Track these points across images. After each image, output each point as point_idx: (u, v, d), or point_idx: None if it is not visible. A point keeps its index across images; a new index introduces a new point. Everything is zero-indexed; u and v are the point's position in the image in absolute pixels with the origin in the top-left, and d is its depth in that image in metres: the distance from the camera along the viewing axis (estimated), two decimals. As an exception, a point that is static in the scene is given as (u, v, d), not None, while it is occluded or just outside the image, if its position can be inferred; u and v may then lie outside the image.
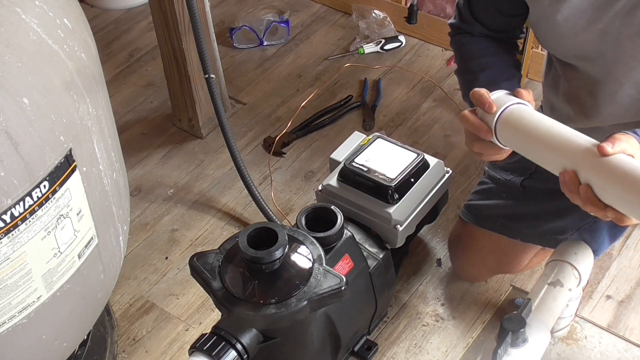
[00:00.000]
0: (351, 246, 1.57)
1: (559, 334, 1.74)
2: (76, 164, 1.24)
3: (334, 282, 1.37)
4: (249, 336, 1.36)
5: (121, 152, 1.51)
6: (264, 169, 2.15)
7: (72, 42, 1.25)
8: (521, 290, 1.84)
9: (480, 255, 1.77)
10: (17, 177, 1.13)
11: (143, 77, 2.45)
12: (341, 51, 2.49)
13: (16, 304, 1.23)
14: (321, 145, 2.21)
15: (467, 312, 1.81)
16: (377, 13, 2.52)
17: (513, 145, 1.27)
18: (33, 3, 1.20)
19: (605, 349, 1.73)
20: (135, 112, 2.34)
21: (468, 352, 1.74)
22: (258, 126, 2.28)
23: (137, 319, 1.84)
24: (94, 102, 1.31)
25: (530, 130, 1.22)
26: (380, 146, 1.70)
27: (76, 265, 1.31)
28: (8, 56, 1.13)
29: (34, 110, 1.14)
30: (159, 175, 2.17)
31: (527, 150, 1.25)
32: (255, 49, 2.52)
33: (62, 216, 1.24)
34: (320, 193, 1.71)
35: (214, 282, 1.38)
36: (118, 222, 1.45)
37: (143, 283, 1.91)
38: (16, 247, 1.18)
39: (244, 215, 2.05)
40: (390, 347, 1.76)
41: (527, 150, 1.25)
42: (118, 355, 1.76)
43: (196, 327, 1.82)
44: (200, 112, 2.21)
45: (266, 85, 2.41)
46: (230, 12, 2.64)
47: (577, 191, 1.12)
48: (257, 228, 1.40)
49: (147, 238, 2.01)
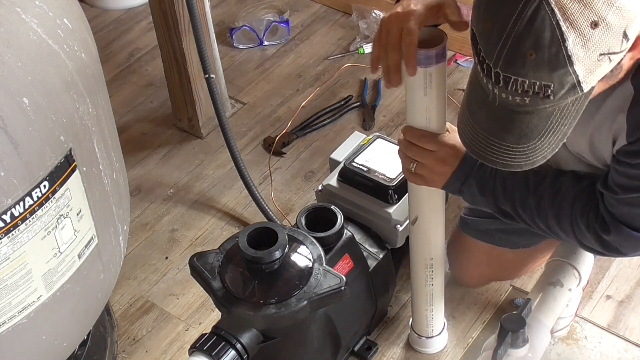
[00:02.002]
0: (351, 246, 1.57)
1: (559, 334, 1.74)
2: (76, 164, 1.24)
3: (334, 282, 1.37)
4: (248, 336, 1.36)
5: (121, 152, 1.51)
6: (264, 169, 2.15)
7: (72, 42, 1.25)
8: (521, 290, 1.83)
9: (480, 267, 1.75)
10: (17, 177, 1.13)
11: (143, 77, 2.45)
12: (341, 51, 2.49)
13: (16, 304, 1.23)
14: (321, 145, 2.21)
15: (467, 312, 1.81)
16: (377, 13, 2.51)
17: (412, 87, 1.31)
18: (33, 3, 1.20)
19: (605, 349, 1.73)
20: (135, 112, 2.34)
21: (468, 352, 1.74)
22: (258, 126, 2.28)
23: (137, 319, 1.84)
24: (94, 102, 1.31)
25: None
26: (380, 146, 1.70)
27: (76, 265, 1.31)
28: (8, 56, 1.13)
29: (34, 110, 1.14)
30: (159, 175, 2.17)
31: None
32: (255, 49, 2.52)
33: (62, 216, 1.24)
34: (320, 193, 1.71)
35: (214, 282, 1.38)
36: (118, 222, 1.45)
37: (143, 283, 1.91)
38: (16, 247, 1.18)
39: (244, 215, 2.05)
40: (390, 347, 1.76)
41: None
42: (118, 355, 1.76)
43: (196, 327, 1.82)
44: (200, 112, 2.21)
45: (266, 85, 2.41)
46: (230, 12, 2.64)
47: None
48: (257, 228, 1.40)
49: (147, 238, 2.01)
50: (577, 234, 1.35)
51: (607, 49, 1.02)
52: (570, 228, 1.35)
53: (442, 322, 1.71)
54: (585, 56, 1.02)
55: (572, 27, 0.99)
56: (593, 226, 1.32)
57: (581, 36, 1.00)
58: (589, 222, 1.32)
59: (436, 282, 1.59)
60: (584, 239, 1.36)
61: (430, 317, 1.66)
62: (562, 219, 1.35)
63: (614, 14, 0.99)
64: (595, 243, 1.35)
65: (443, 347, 1.73)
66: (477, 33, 1.08)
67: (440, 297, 1.64)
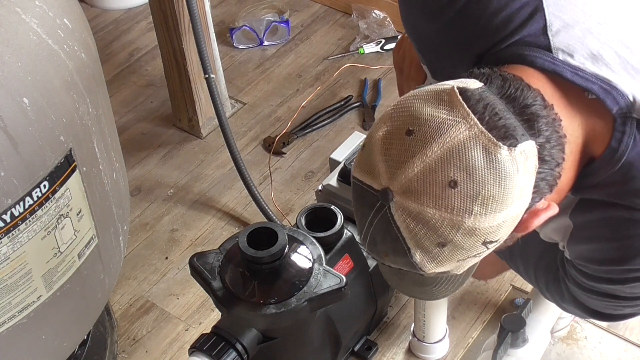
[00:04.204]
0: (351, 246, 1.57)
1: (559, 334, 1.74)
2: (76, 164, 1.24)
3: (334, 282, 1.37)
4: (249, 336, 1.36)
5: (121, 152, 1.51)
6: (264, 169, 2.15)
7: (72, 42, 1.25)
8: (521, 290, 1.83)
9: (489, 262, 1.73)
10: (17, 177, 1.13)
11: (143, 77, 2.45)
12: (341, 51, 2.49)
13: (16, 304, 1.23)
14: (321, 145, 2.21)
15: (467, 312, 1.81)
16: (377, 13, 2.52)
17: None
18: (33, 3, 1.20)
19: (605, 349, 1.73)
20: (135, 112, 2.34)
21: (468, 352, 1.74)
22: (258, 126, 2.28)
23: (137, 319, 1.84)
24: (94, 102, 1.31)
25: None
26: (380, 146, 1.70)
27: (76, 265, 1.31)
28: (8, 56, 1.13)
29: (34, 110, 1.14)
30: (159, 175, 2.17)
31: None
32: (255, 49, 2.52)
33: (62, 216, 1.24)
34: (320, 193, 1.71)
35: (214, 282, 1.38)
36: (118, 222, 1.45)
37: (143, 283, 1.91)
38: (16, 247, 1.18)
39: (244, 215, 2.05)
40: (390, 347, 1.76)
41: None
42: (118, 355, 1.76)
43: (196, 327, 1.82)
44: (200, 112, 2.21)
45: (266, 85, 2.41)
46: (230, 12, 2.64)
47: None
48: (257, 228, 1.40)
49: (147, 238, 2.01)
50: (541, 287, 1.36)
51: (466, 256, 0.97)
52: (535, 280, 1.36)
53: (442, 331, 1.70)
54: (438, 266, 0.97)
55: (417, 246, 0.95)
56: (551, 288, 1.32)
57: (428, 254, 0.96)
58: (548, 283, 1.32)
59: None
60: (544, 294, 1.36)
61: (423, 322, 1.66)
62: (528, 270, 1.35)
63: (462, 235, 0.93)
64: (554, 302, 1.36)
65: (443, 354, 1.73)
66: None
67: (434, 308, 1.63)
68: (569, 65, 1.02)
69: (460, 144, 0.91)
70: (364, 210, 0.99)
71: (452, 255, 0.96)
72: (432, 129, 0.92)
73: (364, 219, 1.00)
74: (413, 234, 0.95)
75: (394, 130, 0.95)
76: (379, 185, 0.96)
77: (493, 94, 0.95)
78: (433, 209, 0.92)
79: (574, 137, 1.01)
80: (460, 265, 0.99)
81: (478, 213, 0.92)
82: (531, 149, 0.94)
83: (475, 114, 0.92)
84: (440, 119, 0.92)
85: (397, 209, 0.94)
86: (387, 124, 0.97)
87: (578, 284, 1.21)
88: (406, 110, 0.96)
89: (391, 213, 0.95)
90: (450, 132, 0.92)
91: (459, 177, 0.91)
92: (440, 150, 0.91)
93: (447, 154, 0.91)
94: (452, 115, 0.92)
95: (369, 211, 0.98)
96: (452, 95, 0.94)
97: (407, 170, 0.93)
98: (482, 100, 0.93)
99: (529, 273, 1.36)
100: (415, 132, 0.93)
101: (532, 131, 0.94)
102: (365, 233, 1.00)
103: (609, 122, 1.03)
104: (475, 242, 0.95)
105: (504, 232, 0.96)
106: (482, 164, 0.91)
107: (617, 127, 1.02)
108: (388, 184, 0.94)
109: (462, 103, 0.93)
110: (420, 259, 0.96)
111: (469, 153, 0.91)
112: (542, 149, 0.95)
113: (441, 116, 0.93)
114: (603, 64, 1.03)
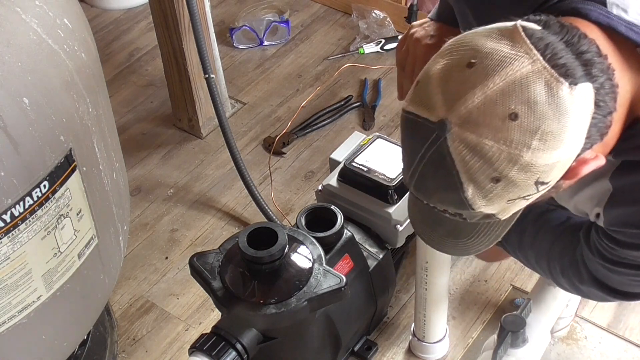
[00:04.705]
0: (351, 246, 1.57)
1: (559, 334, 1.74)
2: (76, 164, 1.24)
3: (334, 282, 1.37)
4: (249, 336, 1.36)
5: (121, 152, 1.51)
6: (264, 169, 2.15)
7: (72, 42, 1.25)
8: (521, 290, 1.84)
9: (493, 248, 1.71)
10: (17, 177, 1.13)
11: (143, 77, 2.45)
12: (341, 51, 2.49)
13: (16, 304, 1.23)
14: (321, 145, 2.21)
15: (467, 312, 1.81)
16: (377, 13, 2.52)
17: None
18: (33, 3, 1.20)
19: (605, 349, 1.73)
20: (135, 112, 2.34)
21: (468, 352, 1.74)
22: (258, 126, 2.28)
23: (137, 319, 1.84)
24: (94, 102, 1.31)
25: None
26: (380, 146, 1.70)
27: (76, 265, 1.31)
28: (8, 56, 1.13)
29: (34, 110, 1.14)
30: (159, 175, 2.17)
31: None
32: (255, 49, 2.52)
33: (62, 216, 1.24)
34: (320, 193, 1.71)
35: (214, 282, 1.38)
36: (118, 222, 1.45)
37: (143, 283, 1.91)
38: (16, 247, 1.18)
39: (244, 215, 2.05)
40: (390, 347, 1.76)
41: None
42: (118, 355, 1.76)
43: (196, 327, 1.82)
44: (200, 112, 2.21)
45: (266, 85, 2.41)
46: (230, 12, 2.64)
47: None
48: (257, 228, 1.40)
49: (147, 238, 2.01)
50: (554, 274, 1.34)
51: (517, 196, 0.96)
52: (547, 268, 1.34)
53: (442, 331, 1.70)
54: (488, 204, 0.97)
55: (471, 181, 0.94)
56: (567, 272, 1.30)
57: (481, 190, 0.95)
58: (564, 267, 1.30)
59: (430, 288, 1.59)
60: (558, 280, 1.35)
61: (423, 321, 1.66)
62: (540, 259, 1.34)
63: (518, 171, 0.93)
64: (569, 287, 1.34)
65: (443, 354, 1.73)
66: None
67: (435, 306, 1.63)
68: (623, 19, 1.03)
69: (523, 77, 0.92)
70: (416, 144, 0.98)
71: (505, 192, 0.96)
72: (495, 62, 0.93)
73: (415, 154, 0.98)
74: (468, 167, 0.94)
75: (453, 63, 0.95)
76: (435, 117, 0.94)
77: (553, 36, 0.96)
78: (492, 140, 0.92)
79: (624, 90, 1.01)
80: (507, 208, 0.99)
81: (536, 148, 0.92)
82: (589, 91, 0.94)
83: (538, 50, 0.93)
84: (503, 52, 0.93)
85: (453, 140, 0.93)
86: (445, 57, 0.97)
87: (605, 257, 1.19)
88: (467, 45, 0.96)
89: (447, 145, 0.94)
90: (513, 65, 0.92)
91: (520, 110, 0.91)
92: (502, 82, 0.92)
93: (509, 87, 0.92)
94: (515, 50, 0.93)
95: (421, 145, 0.96)
96: (515, 32, 0.94)
97: (467, 101, 0.93)
98: (543, 39, 0.94)
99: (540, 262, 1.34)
100: (477, 65, 0.93)
101: (589, 75, 0.95)
102: (414, 169, 0.99)
103: None
104: (529, 180, 0.95)
105: (556, 173, 0.96)
106: (544, 99, 0.92)
107: None
108: (446, 115, 0.94)
109: (525, 39, 0.93)
110: (472, 195, 0.96)
111: (532, 87, 0.92)
112: (597, 94, 0.96)
113: (504, 50, 0.93)
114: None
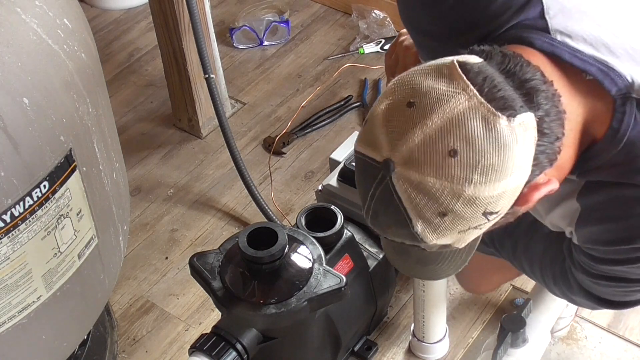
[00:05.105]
0: (351, 246, 1.57)
1: (559, 334, 1.74)
2: (76, 164, 1.24)
3: (334, 282, 1.37)
4: (249, 336, 1.36)
5: (121, 152, 1.51)
6: (264, 169, 2.15)
7: (72, 42, 1.25)
8: (521, 290, 1.83)
9: (486, 275, 1.71)
10: (17, 177, 1.13)
11: (143, 77, 2.45)
12: (341, 51, 2.49)
13: (16, 304, 1.23)
14: (321, 145, 2.21)
15: (467, 312, 1.81)
16: (377, 13, 2.51)
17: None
18: (33, 3, 1.20)
19: (605, 349, 1.73)
20: (135, 112, 2.34)
21: (468, 352, 1.74)
22: (258, 126, 2.28)
23: (137, 319, 1.84)
24: (94, 102, 1.31)
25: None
26: (380, 146, 1.70)
27: (76, 265, 1.31)
28: (8, 56, 1.13)
29: (34, 110, 1.14)
30: (159, 175, 2.17)
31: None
32: (255, 49, 2.52)
33: (62, 216, 1.24)
34: (320, 193, 1.71)
35: (214, 282, 1.38)
36: (118, 222, 1.45)
37: (143, 283, 1.91)
38: (16, 247, 1.18)
39: (244, 215, 2.05)
40: (390, 347, 1.76)
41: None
42: (118, 355, 1.76)
43: (196, 327, 1.82)
44: (200, 112, 2.21)
45: (266, 85, 2.41)
46: (230, 12, 2.64)
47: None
48: (257, 228, 1.40)
49: (147, 238, 2.01)
50: (547, 282, 1.35)
51: (467, 227, 0.97)
52: (541, 276, 1.35)
53: (442, 331, 1.70)
54: (440, 236, 0.98)
55: (419, 217, 0.96)
56: (559, 281, 1.31)
57: (429, 224, 0.96)
58: (555, 276, 1.31)
59: (428, 290, 1.59)
60: (552, 289, 1.35)
61: (423, 322, 1.66)
62: (533, 267, 1.35)
63: (463, 204, 0.94)
64: (562, 296, 1.34)
65: (443, 354, 1.73)
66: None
67: (433, 307, 1.63)
68: (567, 46, 1.04)
69: (460, 114, 0.93)
70: (366, 183, 1.00)
71: (453, 225, 0.97)
72: (433, 100, 0.94)
73: (367, 192, 1.00)
74: (414, 204, 0.95)
75: (395, 103, 0.97)
76: (380, 157, 0.97)
77: (492, 68, 0.97)
78: (434, 178, 0.93)
79: (574, 115, 1.02)
80: (461, 238, 1.00)
81: (478, 182, 0.93)
82: (530, 120, 0.95)
83: (475, 86, 0.94)
84: (440, 90, 0.94)
85: (398, 179, 0.95)
86: (388, 98, 0.98)
87: (586, 270, 1.21)
88: (407, 84, 0.97)
89: (393, 184, 0.96)
90: (450, 103, 0.93)
91: (458, 146, 0.92)
92: (440, 120, 0.93)
93: (447, 124, 0.93)
94: (452, 87, 0.94)
95: (371, 183, 0.99)
96: (452, 68, 0.95)
97: (407, 140, 0.94)
98: (481, 73, 0.95)
99: (534, 270, 1.35)
100: (416, 104, 0.94)
101: (531, 104, 0.96)
102: (367, 206, 1.01)
103: (609, 103, 1.04)
104: (476, 212, 0.95)
105: (504, 203, 0.96)
106: (482, 134, 0.92)
107: (617, 108, 1.03)
108: (389, 155, 0.95)
109: (462, 75, 0.94)
110: (421, 230, 0.97)
111: (469, 123, 0.92)
112: (542, 122, 0.96)
113: (441, 88, 0.94)
114: (601, 45, 1.04)
